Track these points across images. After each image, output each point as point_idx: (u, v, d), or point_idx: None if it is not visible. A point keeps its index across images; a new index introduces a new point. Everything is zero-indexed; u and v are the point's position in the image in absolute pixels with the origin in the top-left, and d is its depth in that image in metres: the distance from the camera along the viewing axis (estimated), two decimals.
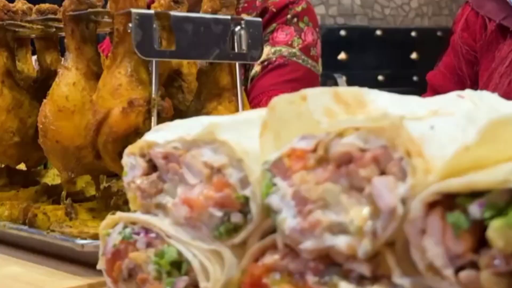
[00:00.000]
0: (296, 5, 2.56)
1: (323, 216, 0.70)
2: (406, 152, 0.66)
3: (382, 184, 0.66)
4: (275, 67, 2.47)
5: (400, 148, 0.66)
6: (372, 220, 0.67)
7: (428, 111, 0.72)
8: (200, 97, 1.20)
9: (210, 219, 0.82)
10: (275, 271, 0.78)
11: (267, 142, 0.79)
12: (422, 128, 0.67)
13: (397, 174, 0.66)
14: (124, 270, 0.89)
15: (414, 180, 0.65)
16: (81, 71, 1.20)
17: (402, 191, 0.65)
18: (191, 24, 1.17)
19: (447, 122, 0.70)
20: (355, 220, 0.67)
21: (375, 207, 0.67)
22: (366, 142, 0.69)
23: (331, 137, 0.73)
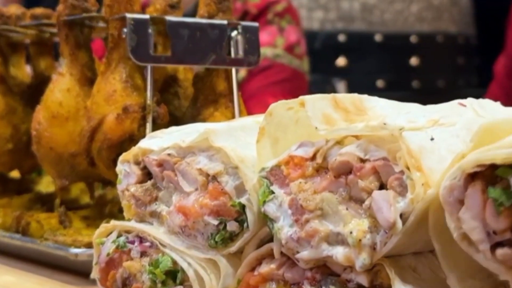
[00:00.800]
0: (277, 5, 2.56)
1: (320, 226, 0.69)
2: (406, 166, 0.65)
3: (383, 199, 0.65)
4: (261, 70, 2.47)
5: (401, 161, 0.65)
6: (372, 233, 0.66)
7: (428, 120, 0.71)
8: (196, 103, 1.19)
9: (206, 227, 0.81)
10: (272, 280, 0.77)
11: (264, 148, 0.78)
12: (421, 140, 0.66)
13: (397, 188, 0.65)
14: (118, 279, 0.88)
15: (413, 195, 0.64)
16: (75, 77, 1.19)
17: (402, 205, 0.64)
18: (187, 29, 1.15)
19: (447, 134, 0.69)
20: (354, 232, 0.66)
21: (374, 221, 0.66)
22: (366, 153, 0.68)
23: (330, 145, 0.72)
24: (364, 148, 0.68)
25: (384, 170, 0.67)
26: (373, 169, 0.67)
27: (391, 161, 0.66)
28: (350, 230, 0.67)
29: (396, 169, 0.66)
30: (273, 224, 0.74)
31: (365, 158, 0.68)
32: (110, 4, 1.16)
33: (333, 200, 0.69)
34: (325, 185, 0.70)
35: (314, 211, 0.69)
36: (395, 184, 0.65)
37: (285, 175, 0.74)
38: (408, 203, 0.64)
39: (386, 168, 0.66)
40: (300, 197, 0.71)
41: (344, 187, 0.69)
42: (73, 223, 1.16)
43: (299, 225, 0.71)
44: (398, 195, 0.65)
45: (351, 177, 0.68)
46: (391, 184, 0.65)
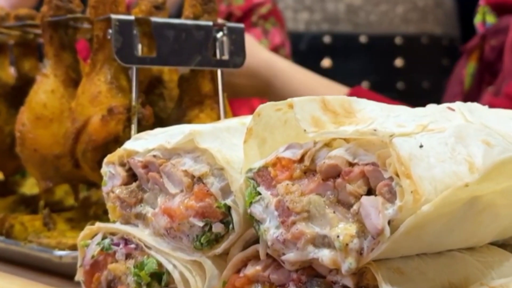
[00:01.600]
0: (261, 7, 2.57)
1: (307, 228, 0.69)
2: (395, 173, 0.65)
3: (371, 205, 0.65)
4: None
5: (391, 168, 0.65)
6: (359, 238, 0.66)
7: (417, 125, 0.71)
8: (182, 105, 1.19)
9: (191, 229, 0.81)
10: (257, 282, 0.77)
11: (252, 149, 0.77)
12: (411, 147, 0.66)
13: (386, 195, 0.65)
14: (103, 281, 0.87)
15: (402, 202, 0.64)
16: (60, 78, 1.18)
17: (391, 212, 0.64)
18: (172, 30, 1.15)
19: (436, 141, 0.69)
20: (341, 236, 0.66)
21: (362, 226, 0.66)
22: (355, 156, 0.68)
23: (318, 148, 0.72)
24: (353, 152, 0.68)
25: (373, 175, 0.66)
26: (362, 173, 0.67)
27: (380, 167, 0.66)
28: (337, 233, 0.66)
29: (385, 175, 0.65)
30: (259, 226, 0.74)
31: (354, 162, 0.68)
32: (95, 5, 1.15)
33: (320, 203, 0.69)
34: (313, 187, 0.70)
35: (301, 213, 0.69)
36: (384, 190, 0.65)
37: (272, 177, 0.74)
38: (397, 210, 0.64)
39: (375, 173, 0.66)
40: (287, 199, 0.70)
41: (332, 190, 0.69)
42: (57, 225, 1.16)
43: (285, 227, 0.70)
44: (387, 201, 0.65)
45: (339, 181, 0.68)
46: (380, 190, 0.65)
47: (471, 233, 0.72)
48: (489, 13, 2.03)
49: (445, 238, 0.70)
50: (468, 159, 0.68)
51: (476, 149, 0.70)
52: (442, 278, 0.71)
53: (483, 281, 0.72)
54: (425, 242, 0.69)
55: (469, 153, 0.69)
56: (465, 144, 0.70)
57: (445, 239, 0.70)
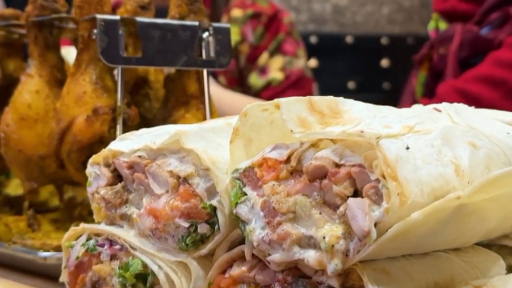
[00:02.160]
0: (285, 16, 2.63)
1: (292, 229, 0.69)
2: (382, 175, 0.65)
3: (358, 207, 0.65)
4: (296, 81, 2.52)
5: (377, 170, 0.65)
6: (345, 239, 0.66)
7: (404, 127, 0.71)
8: (167, 105, 1.19)
9: (176, 230, 0.81)
10: (243, 283, 0.76)
11: (238, 149, 0.77)
12: (398, 149, 0.66)
13: (373, 197, 0.65)
14: (88, 283, 0.87)
15: (389, 204, 0.64)
16: (45, 79, 1.17)
17: (377, 214, 0.64)
18: (158, 30, 1.15)
19: (422, 143, 0.69)
20: (327, 237, 0.66)
21: (348, 227, 0.66)
22: (342, 157, 0.68)
23: (305, 148, 0.71)
24: (339, 153, 0.68)
25: (359, 176, 0.66)
26: (348, 174, 0.67)
27: (367, 168, 0.66)
28: (323, 234, 0.66)
29: (372, 177, 0.65)
30: (244, 226, 0.74)
31: (340, 163, 0.68)
32: (80, 5, 1.15)
33: (306, 204, 0.69)
34: (299, 188, 0.70)
35: (287, 214, 0.69)
36: (370, 192, 0.65)
37: (258, 177, 0.73)
38: (383, 213, 0.64)
39: (361, 175, 0.66)
40: (273, 199, 0.70)
41: (318, 191, 0.69)
42: (42, 226, 1.15)
43: (271, 228, 0.70)
44: (373, 203, 0.64)
45: (326, 182, 0.68)
46: (366, 192, 0.65)
47: (457, 235, 0.72)
48: (441, 20, 2.05)
49: (431, 240, 0.70)
50: (454, 161, 0.68)
51: (462, 151, 0.70)
52: (428, 278, 0.71)
53: (468, 280, 0.72)
54: (411, 244, 0.69)
55: (455, 155, 0.69)
56: (451, 146, 0.70)
57: (431, 241, 0.71)
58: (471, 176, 0.69)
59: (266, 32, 2.53)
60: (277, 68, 2.50)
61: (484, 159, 0.72)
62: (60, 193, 1.23)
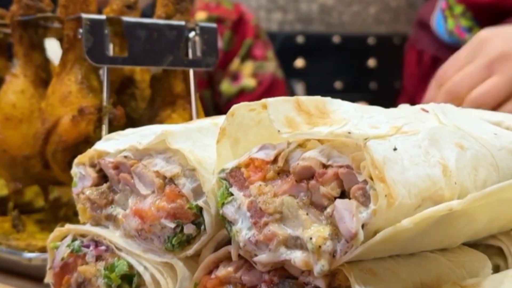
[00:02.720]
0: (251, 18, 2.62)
1: (279, 229, 0.69)
2: (369, 176, 0.64)
3: (345, 208, 0.65)
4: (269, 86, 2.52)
5: (365, 171, 0.65)
6: (332, 240, 0.66)
7: (391, 127, 0.71)
8: (154, 105, 1.18)
9: (162, 230, 0.80)
10: (229, 283, 0.76)
11: (225, 149, 0.77)
12: (385, 150, 0.66)
13: (360, 198, 0.65)
14: (73, 284, 0.86)
15: (376, 206, 0.63)
16: (30, 78, 1.17)
17: (365, 216, 0.64)
18: (144, 30, 1.14)
19: (410, 143, 0.69)
20: (314, 238, 0.66)
21: (335, 229, 0.66)
22: (329, 158, 0.68)
23: (292, 148, 0.71)
24: (327, 154, 0.68)
25: (347, 178, 0.66)
26: (336, 175, 0.66)
27: (354, 170, 0.66)
28: (310, 235, 0.66)
29: (359, 178, 0.65)
30: (231, 227, 0.73)
31: (327, 164, 0.67)
32: (65, 4, 1.14)
33: (293, 204, 0.68)
34: (286, 188, 0.69)
35: (273, 214, 0.69)
36: (358, 194, 0.65)
37: (245, 177, 0.73)
38: (371, 214, 0.63)
39: (349, 176, 0.66)
40: (259, 200, 0.70)
41: (305, 192, 0.68)
42: (27, 227, 1.15)
43: (257, 228, 0.70)
44: (360, 205, 0.64)
45: (313, 183, 0.68)
46: (354, 193, 0.65)
47: (444, 236, 0.72)
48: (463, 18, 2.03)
49: (419, 242, 0.71)
50: (442, 161, 0.68)
51: (450, 152, 0.70)
52: (414, 278, 0.71)
53: (455, 280, 0.72)
54: (398, 246, 0.69)
55: (443, 156, 0.69)
56: (438, 147, 0.70)
57: (419, 242, 0.71)
58: (458, 177, 0.69)
59: (234, 37, 2.52)
60: (249, 74, 2.50)
61: (471, 160, 0.72)
62: (45, 193, 1.22)
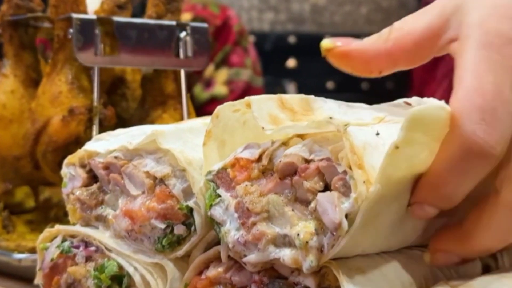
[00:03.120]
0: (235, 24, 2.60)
1: (267, 228, 0.69)
2: (348, 166, 0.65)
3: (327, 200, 0.65)
4: (241, 94, 2.51)
5: (343, 161, 0.65)
6: (318, 235, 0.66)
7: (374, 118, 0.71)
8: (144, 105, 1.18)
9: (153, 231, 0.80)
10: (219, 284, 0.76)
11: (211, 151, 0.77)
12: (366, 135, 0.66)
13: (341, 189, 0.65)
14: (63, 285, 0.86)
15: (356, 193, 0.63)
16: (20, 78, 1.17)
17: (347, 206, 0.64)
18: (135, 30, 1.14)
19: (393, 129, 0.69)
20: (301, 234, 0.66)
21: (320, 223, 0.66)
22: (311, 153, 0.68)
23: (276, 147, 0.71)
24: (308, 148, 0.68)
25: (328, 170, 0.66)
26: (317, 169, 0.66)
27: (334, 161, 0.66)
28: (297, 232, 0.66)
29: (339, 169, 0.65)
30: (219, 228, 0.73)
31: (309, 159, 0.67)
32: (56, 4, 1.14)
33: (279, 202, 0.68)
34: (271, 187, 0.69)
35: (261, 214, 0.69)
36: (338, 184, 0.65)
37: (231, 178, 0.73)
38: (353, 203, 0.64)
39: (329, 168, 0.66)
40: (246, 200, 0.70)
41: (289, 189, 0.69)
42: (17, 228, 1.14)
43: (245, 228, 0.70)
44: (342, 195, 0.64)
45: (296, 178, 0.68)
46: (335, 184, 0.65)
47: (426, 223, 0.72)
48: None
49: (401, 230, 0.70)
50: None
51: None
52: (403, 277, 0.72)
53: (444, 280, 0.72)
54: (382, 234, 0.69)
55: None
56: None
57: (402, 230, 0.70)
58: None
59: (214, 43, 2.51)
60: (222, 82, 2.49)
61: None
62: (35, 194, 1.22)
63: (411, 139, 0.63)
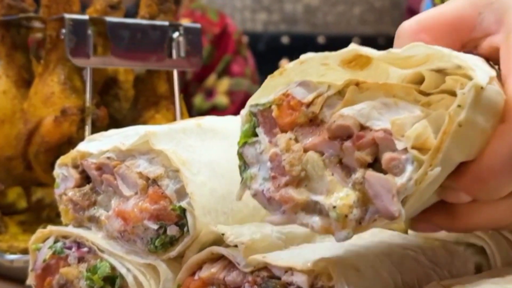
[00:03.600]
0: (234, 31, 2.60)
1: (298, 194, 0.63)
2: (411, 146, 0.59)
3: (381, 185, 0.60)
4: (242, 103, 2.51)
5: (405, 139, 0.59)
6: (359, 208, 0.61)
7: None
8: (137, 105, 1.18)
9: (145, 232, 0.80)
10: (212, 285, 0.76)
11: (273, 84, 0.69)
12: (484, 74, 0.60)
13: (395, 169, 0.60)
14: (55, 286, 0.86)
15: (417, 175, 0.58)
16: (12, 79, 1.16)
17: (403, 190, 0.59)
18: (128, 30, 1.14)
19: None
20: (339, 204, 0.61)
21: (363, 196, 0.61)
22: (368, 119, 0.62)
23: (331, 94, 0.65)
24: (366, 114, 0.62)
25: (384, 143, 0.60)
26: (373, 140, 0.61)
27: (394, 135, 0.60)
28: (332, 204, 0.61)
29: (399, 145, 0.60)
30: (245, 168, 0.68)
31: (366, 125, 0.62)
32: (48, 4, 1.14)
33: (319, 163, 0.63)
34: (316, 142, 0.64)
35: (297, 176, 0.64)
36: (392, 164, 0.60)
37: (274, 118, 0.67)
38: (411, 186, 0.59)
39: (386, 141, 0.60)
40: (285, 157, 0.64)
41: (335, 151, 0.63)
42: (9, 229, 1.14)
43: (275, 185, 0.65)
44: (394, 176, 0.59)
45: (348, 145, 0.62)
46: (388, 164, 0.60)
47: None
48: None
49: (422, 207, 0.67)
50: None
51: None
52: (396, 277, 0.72)
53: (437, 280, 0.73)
54: (412, 212, 0.66)
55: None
56: None
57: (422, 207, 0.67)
58: None
59: (215, 52, 2.51)
60: (223, 92, 2.49)
61: None
62: (27, 194, 1.22)
63: (473, 120, 0.60)
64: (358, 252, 0.72)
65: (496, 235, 0.84)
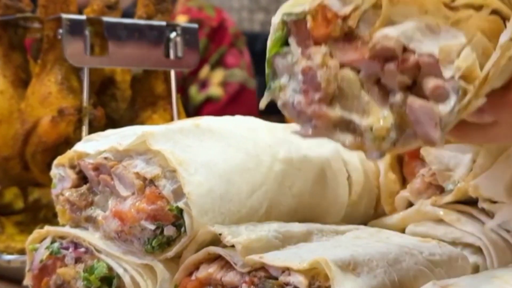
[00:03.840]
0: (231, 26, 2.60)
1: (331, 111, 0.61)
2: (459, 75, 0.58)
3: (424, 112, 0.58)
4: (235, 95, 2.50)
5: (455, 68, 0.58)
6: (395, 131, 0.59)
7: None
8: (134, 106, 1.18)
9: (142, 232, 0.80)
10: (209, 285, 0.76)
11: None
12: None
13: (438, 98, 0.58)
14: (52, 286, 0.86)
15: (460, 105, 0.57)
16: (9, 79, 1.16)
17: (445, 119, 0.58)
18: (125, 31, 1.14)
19: None
20: (376, 128, 0.59)
21: (402, 120, 0.59)
22: (411, 41, 0.59)
23: (367, 7, 0.61)
24: (410, 36, 0.59)
25: (428, 68, 0.59)
26: (417, 64, 0.59)
27: (441, 62, 0.58)
28: (370, 125, 0.60)
29: (446, 73, 0.58)
30: (274, 78, 0.66)
31: (410, 48, 0.59)
32: (45, 4, 1.14)
33: (356, 83, 0.61)
34: (355, 58, 0.61)
35: (331, 93, 0.61)
36: (437, 92, 0.58)
37: (308, 29, 0.63)
38: (454, 115, 0.58)
39: (432, 67, 0.58)
40: (321, 73, 0.62)
41: (375, 71, 0.60)
42: (6, 229, 1.14)
43: (307, 99, 0.62)
44: (436, 103, 0.58)
45: (391, 67, 0.59)
46: (433, 91, 0.58)
47: None
48: None
49: None
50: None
51: None
52: (391, 275, 0.72)
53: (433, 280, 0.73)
54: None
55: None
56: None
57: None
58: None
59: (210, 45, 2.50)
60: (217, 83, 2.49)
61: None
62: (24, 195, 1.21)
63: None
64: (355, 252, 0.73)
65: (493, 235, 0.85)
